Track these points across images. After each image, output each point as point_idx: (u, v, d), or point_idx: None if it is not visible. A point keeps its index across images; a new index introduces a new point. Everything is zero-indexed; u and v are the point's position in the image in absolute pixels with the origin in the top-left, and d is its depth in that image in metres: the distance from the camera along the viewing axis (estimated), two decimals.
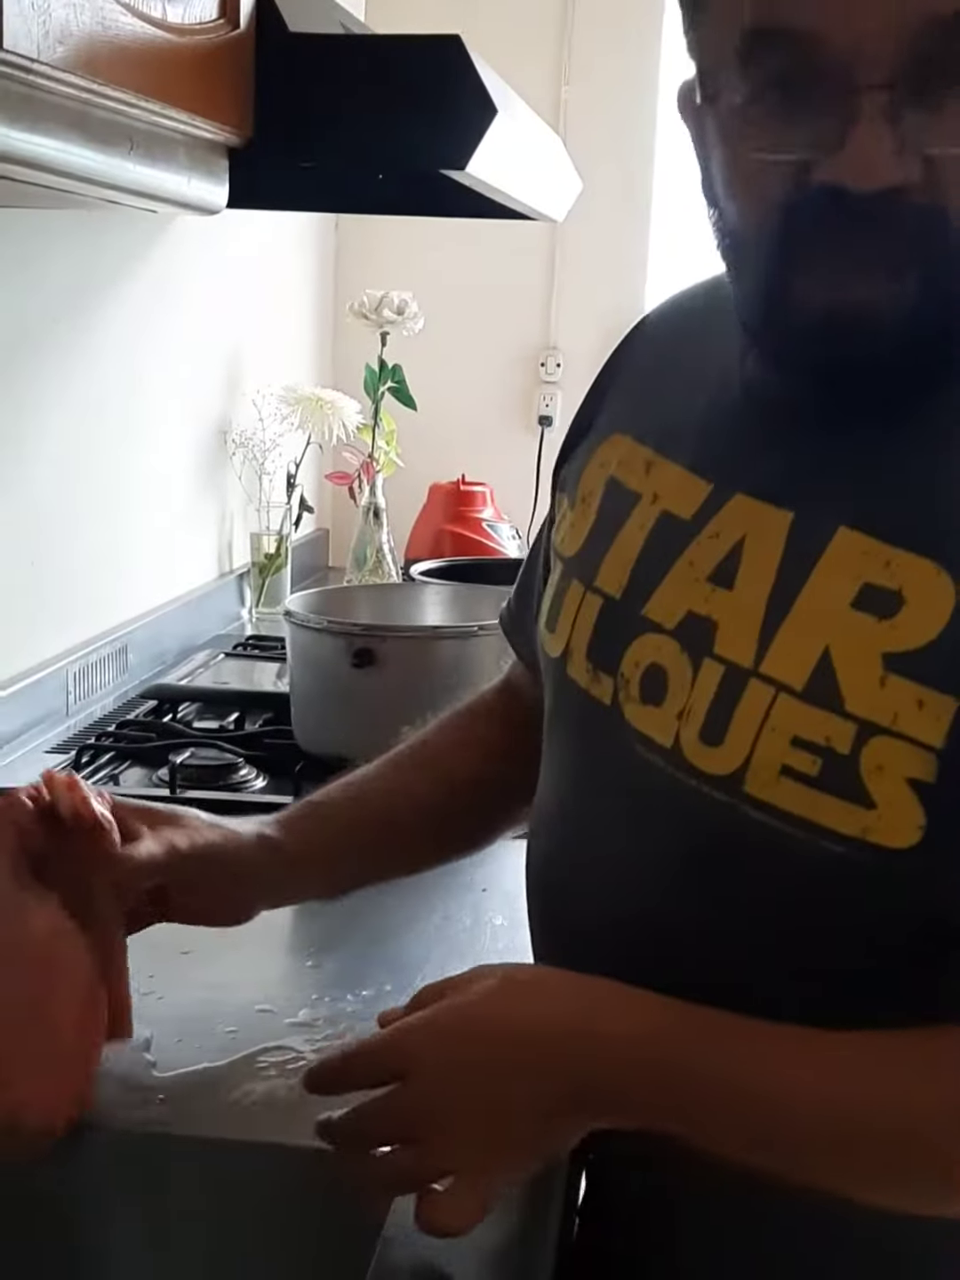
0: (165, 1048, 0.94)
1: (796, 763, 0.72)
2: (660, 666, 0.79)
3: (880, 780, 0.69)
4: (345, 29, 1.33)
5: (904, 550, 0.70)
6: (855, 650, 0.71)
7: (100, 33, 0.87)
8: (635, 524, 0.83)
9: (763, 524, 0.76)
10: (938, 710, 0.68)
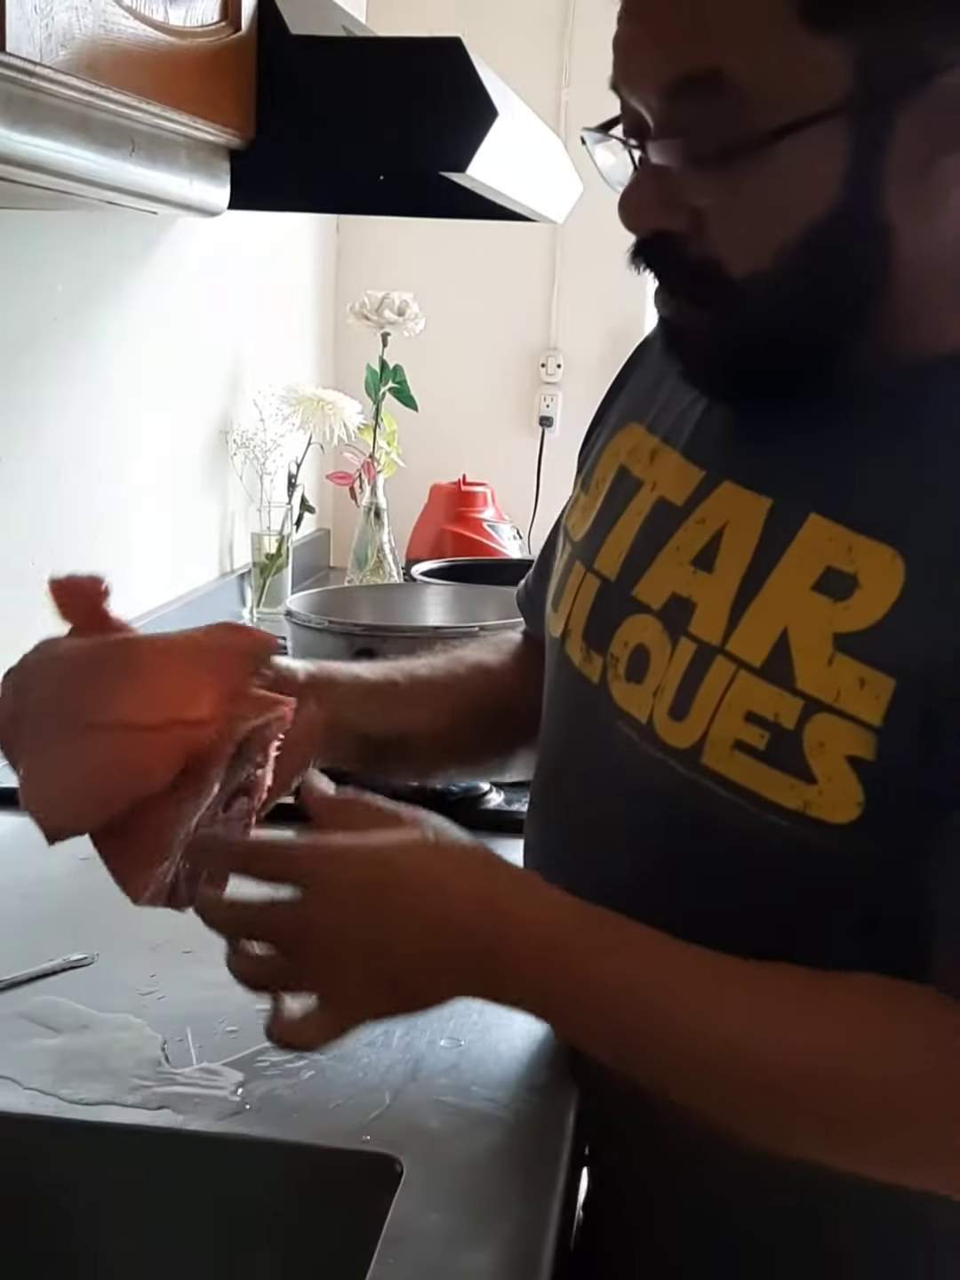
0: (169, 1047, 0.95)
1: (747, 736, 0.74)
2: (645, 647, 0.82)
3: (821, 756, 0.71)
4: (347, 31, 1.34)
5: (866, 537, 0.72)
6: (810, 630, 0.73)
7: (102, 35, 0.87)
8: (634, 509, 0.86)
9: (744, 511, 0.78)
10: (877, 689, 0.70)
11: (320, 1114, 0.88)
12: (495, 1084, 0.92)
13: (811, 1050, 0.69)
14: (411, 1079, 0.92)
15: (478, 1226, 0.78)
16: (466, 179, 1.19)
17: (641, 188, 0.74)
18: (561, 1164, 0.84)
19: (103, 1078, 0.91)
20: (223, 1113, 0.88)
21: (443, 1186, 0.81)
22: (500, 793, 1.45)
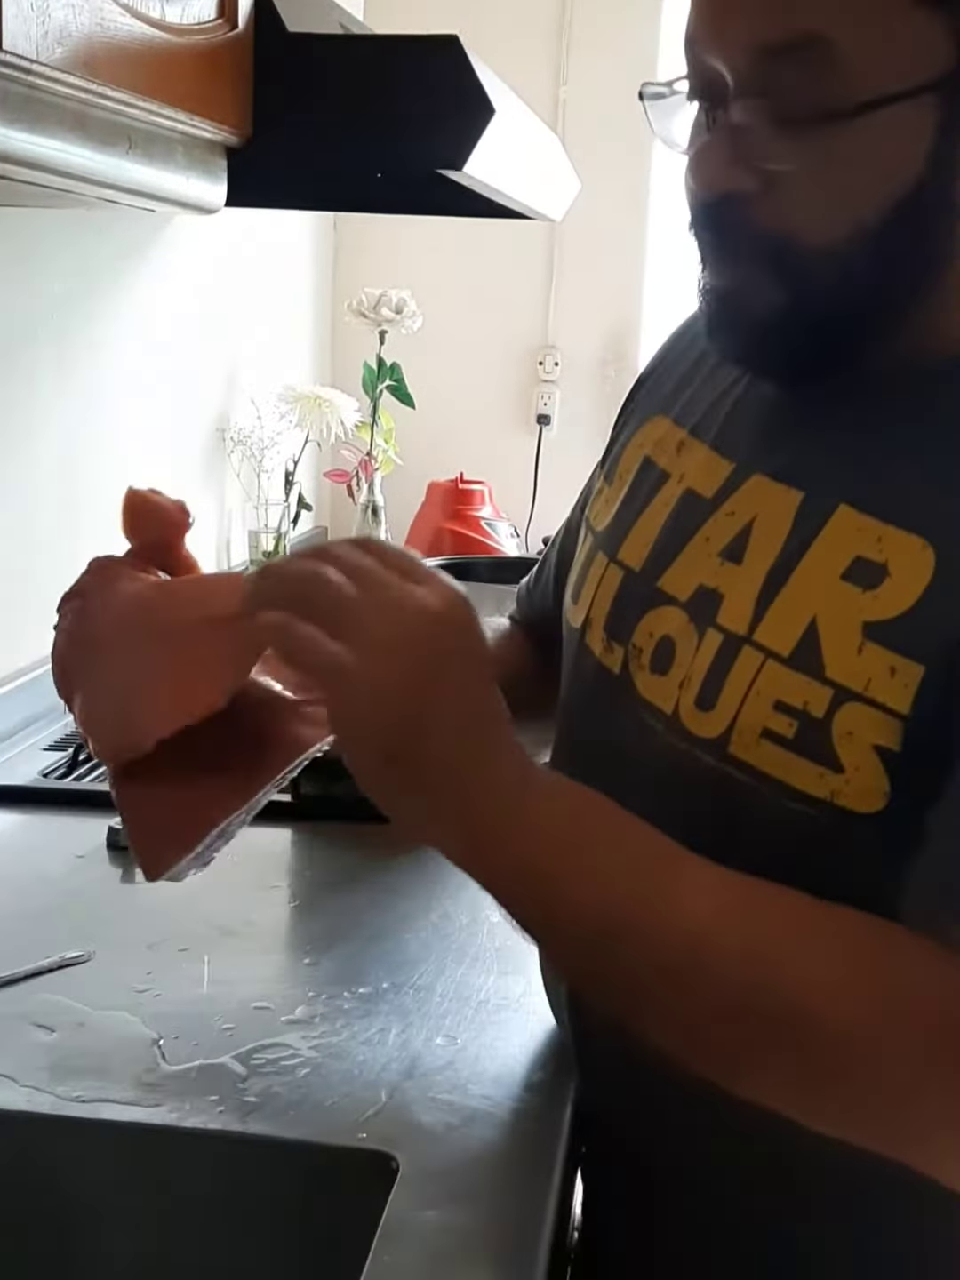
0: (164, 1044, 0.95)
1: (776, 725, 0.74)
2: (670, 638, 0.81)
3: (850, 745, 0.71)
4: (344, 29, 1.34)
5: (895, 527, 0.72)
6: (839, 619, 0.73)
7: (99, 33, 0.87)
8: (661, 501, 0.86)
9: (775, 503, 0.78)
10: (907, 677, 0.70)
11: (316, 1111, 0.88)
12: (491, 1082, 0.92)
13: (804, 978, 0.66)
14: (408, 1077, 0.92)
15: (473, 1224, 0.78)
16: (464, 177, 1.19)
17: (717, 147, 0.72)
18: (557, 1162, 0.84)
19: (99, 1075, 0.91)
20: (218, 1110, 0.88)
21: (438, 1184, 0.81)
22: None
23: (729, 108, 0.71)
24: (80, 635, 0.78)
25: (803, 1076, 0.68)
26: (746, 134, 0.71)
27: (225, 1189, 0.87)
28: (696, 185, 0.74)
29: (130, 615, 0.76)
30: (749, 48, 0.70)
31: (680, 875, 0.69)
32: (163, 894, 1.19)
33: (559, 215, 1.72)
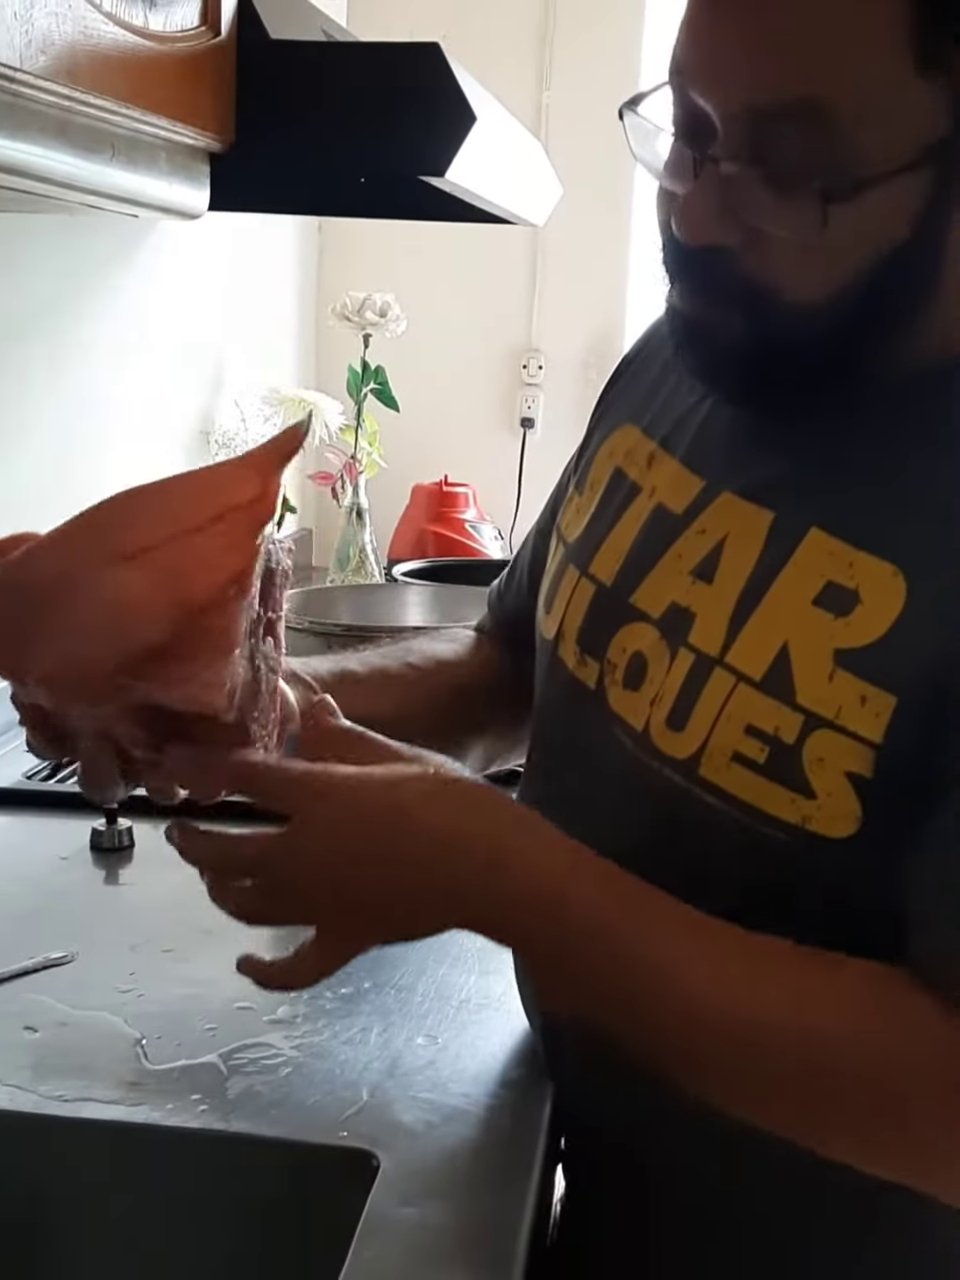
0: (147, 1044, 0.95)
1: (747, 749, 0.74)
2: (643, 654, 0.81)
3: (821, 772, 0.72)
4: (327, 35, 1.34)
5: (867, 553, 0.72)
6: (810, 644, 0.73)
7: (82, 41, 0.88)
8: (632, 515, 0.86)
9: (746, 523, 0.78)
10: (878, 707, 0.70)
11: (298, 1110, 0.89)
12: (471, 1080, 0.92)
13: (800, 1028, 0.69)
14: (389, 1076, 0.92)
15: (453, 1221, 0.79)
16: (446, 183, 1.20)
17: (705, 197, 0.70)
18: (536, 1159, 0.85)
19: (81, 1074, 0.91)
20: (200, 1109, 0.88)
21: (419, 1182, 0.82)
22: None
23: (718, 159, 0.69)
24: (11, 581, 0.72)
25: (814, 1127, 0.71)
26: (736, 189, 0.69)
27: (207, 1187, 0.87)
28: (681, 234, 0.72)
29: (67, 570, 0.70)
30: (743, 104, 0.68)
31: (680, 946, 0.71)
32: (146, 895, 1.19)
33: (542, 220, 1.72)
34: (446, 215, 1.49)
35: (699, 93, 0.70)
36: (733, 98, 0.68)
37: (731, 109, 0.68)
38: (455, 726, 1.03)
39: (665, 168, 0.74)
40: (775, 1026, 0.69)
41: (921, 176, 0.68)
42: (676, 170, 0.73)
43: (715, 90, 0.69)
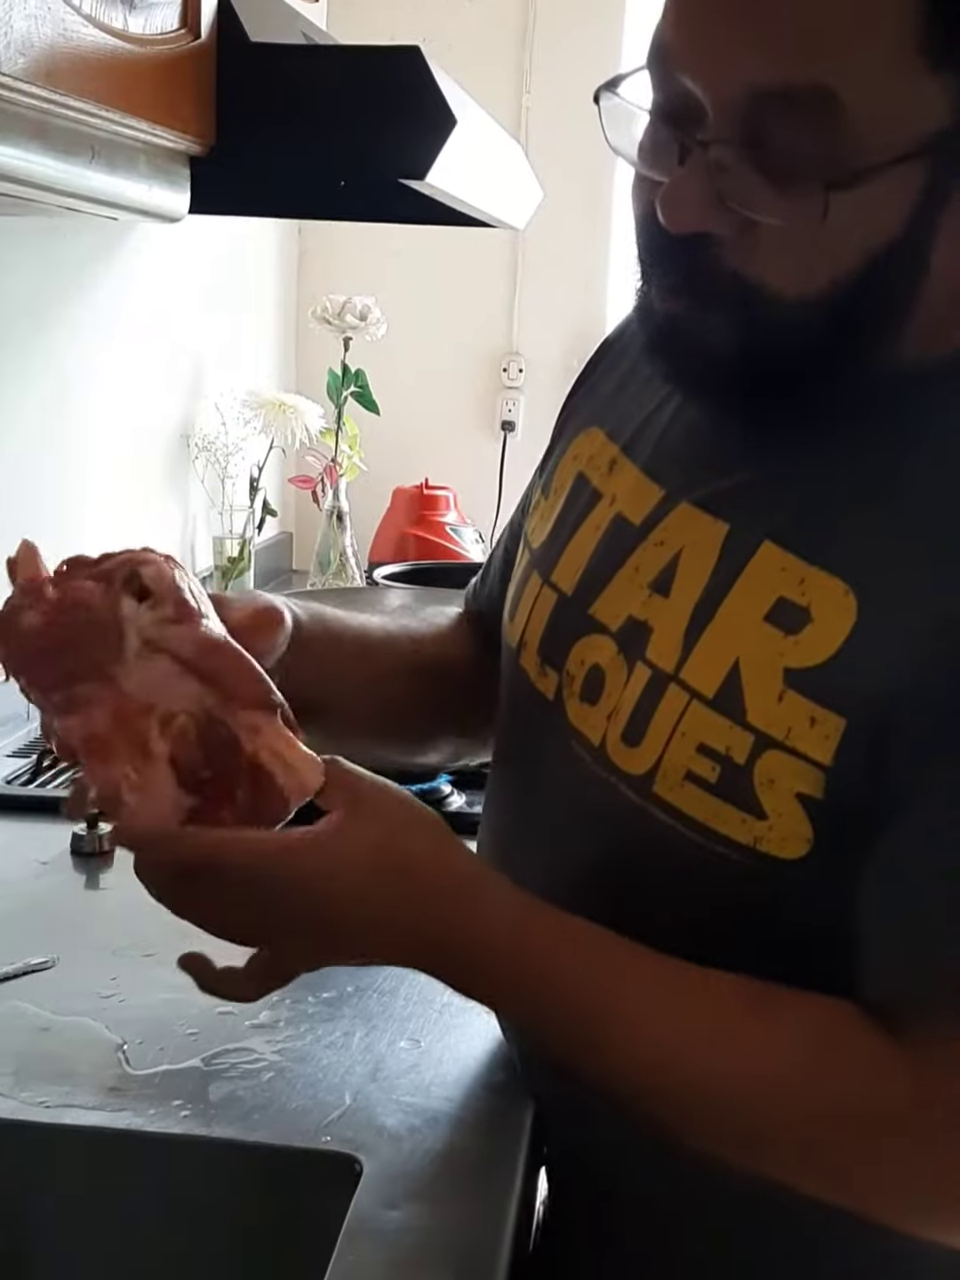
0: (129, 1049, 0.95)
1: (699, 768, 0.73)
2: (600, 667, 0.81)
3: (771, 793, 0.71)
4: (307, 38, 1.34)
5: (818, 569, 0.71)
6: (761, 662, 0.72)
7: (61, 43, 0.87)
8: (592, 524, 0.85)
9: (702, 535, 0.77)
10: (828, 729, 0.69)
11: (280, 1115, 0.88)
12: (454, 1084, 0.92)
13: (754, 1068, 0.70)
14: (371, 1079, 0.92)
15: (436, 1225, 0.79)
16: (426, 187, 1.20)
17: (693, 185, 0.67)
18: (519, 1163, 0.85)
19: (63, 1080, 0.91)
20: (183, 1114, 0.88)
21: (401, 1185, 0.82)
22: (461, 794, 1.46)
23: (708, 144, 0.67)
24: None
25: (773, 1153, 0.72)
26: (728, 176, 0.67)
27: (189, 1193, 0.87)
28: (666, 221, 0.69)
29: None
30: (741, 86, 0.65)
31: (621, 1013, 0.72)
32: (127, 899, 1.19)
33: (522, 224, 1.73)
34: (427, 218, 1.49)
35: (690, 75, 0.67)
36: (730, 81, 0.65)
37: (727, 93, 0.66)
38: (427, 715, 1.03)
39: (643, 155, 0.71)
40: (721, 1073, 0.70)
41: (919, 170, 0.66)
42: (657, 157, 0.70)
43: (710, 73, 0.66)
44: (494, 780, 0.96)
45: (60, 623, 0.73)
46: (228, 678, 0.72)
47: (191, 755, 0.71)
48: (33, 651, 0.73)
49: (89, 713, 0.71)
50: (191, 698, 0.71)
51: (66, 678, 0.72)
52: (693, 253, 0.69)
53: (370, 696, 0.97)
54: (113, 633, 0.72)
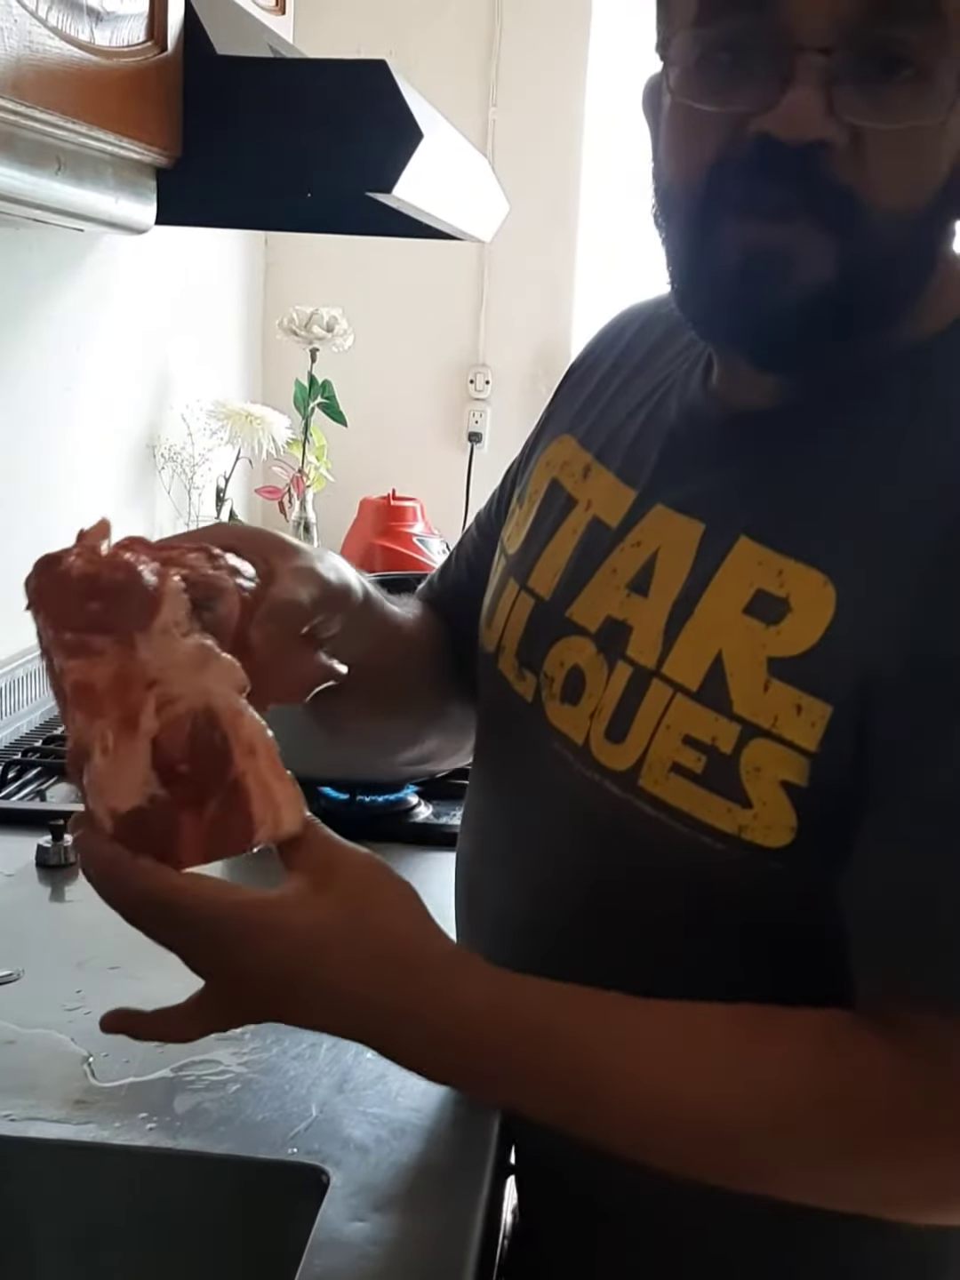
0: (94, 1062, 0.95)
1: (685, 760, 0.74)
2: (580, 668, 0.82)
3: (757, 781, 0.72)
4: (274, 51, 1.35)
5: (796, 560, 0.73)
6: (744, 654, 0.73)
7: (27, 55, 0.87)
8: (569, 528, 0.86)
9: (678, 535, 0.79)
10: (814, 716, 0.70)
11: (247, 1127, 0.88)
12: (421, 1095, 0.92)
13: (759, 1094, 0.69)
14: (338, 1091, 0.92)
15: (403, 1235, 0.79)
16: (393, 199, 1.20)
17: (809, 96, 0.68)
18: (486, 1173, 0.85)
19: (28, 1093, 0.91)
20: (149, 1127, 0.88)
21: (369, 1196, 0.82)
22: (428, 805, 1.47)
23: (828, 52, 0.67)
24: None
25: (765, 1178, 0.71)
26: (843, 88, 0.68)
27: (156, 1205, 0.87)
28: (791, 134, 0.68)
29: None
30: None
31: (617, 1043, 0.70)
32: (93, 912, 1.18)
33: (488, 236, 1.73)
34: (393, 231, 1.50)
35: (810, 5, 0.68)
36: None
37: (854, 14, 0.67)
38: (420, 703, 1.01)
39: (725, 93, 0.71)
40: (726, 1103, 0.69)
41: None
42: (744, 89, 0.70)
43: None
44: (474, 784, 0.96)
45: (103, 576, 0.71)
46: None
47: (177, 744, 0.68)
48: (65, 591, 0.72)
49: (94, 662, 0.69)
50: (201, 693, 0.69)
51: (87, 623, 0.70)
52: (806, 164, 0.69)
53: (387, 682, 0.94)
54: (150, 603, 0.70)
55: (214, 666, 0.70)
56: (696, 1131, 0.70)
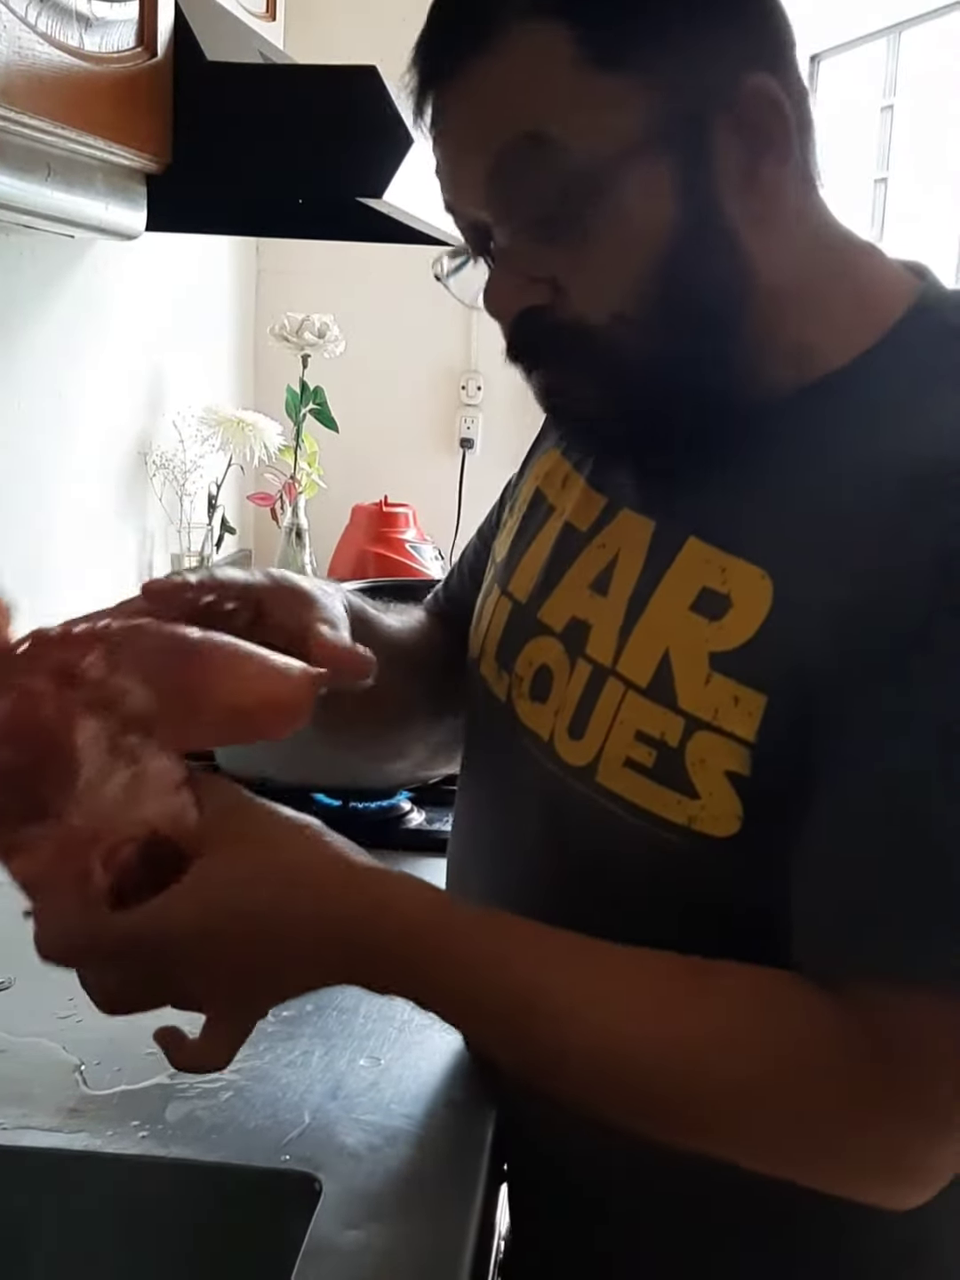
0: (86, 1070, 0.95)
1: (637, 755, 0.76)
2: (548, 667, 0.84)
3: (702, 772, 0.74)
4: (264, 58, 1.35)
5: (738, 558, 0.75)
6: (689, 649, 0.75)
7: (17, 61, 0.87)
8: (545, 534, 0.89)
9: (635, 535, 0.81)
10: (750, 706, 0.72)
11: (239, 1134, 0.88)
12: (414, 1102, 0.92)
13: (684, 1041, 0.70)
14: (331, 1098, 0.92)
15: (396, 1244, 0.79)
16: (384, 205, 1.21)
17: (498, 276, 0.77)
18: (480, 1180, 0.85)
19: (20, 1101, 0.90)
20: (141, 1135, 0.88)
21: (361, 1205, 0.82)
22: (421, 812, 1.47)
23: (489, 240, 0.76)
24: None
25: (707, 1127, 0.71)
26: (517, 252, 0.75)
27: (148, 1214, 0.86)
28: (493, 316, 0.78)
29: None
30: (481, 177, 0.74)
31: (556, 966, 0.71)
32: None
33: None
34: (385, 237, 1.50)
35: (460, 202, 0.78)
36: (475, 178, 0.75)
37: (479, 190, 0.75)
38: (414, 711, 1.02)
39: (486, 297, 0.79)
40: (658, 1042, 0.69)
41: (655, 160, 0.72)
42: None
43: (463, 185, 0.76)
44: (460, 785, 0.98)
45: (10, 745, 0.70)
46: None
47: (134, 879, 0.69)
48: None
49: (33, 853, 0.69)
50: (142, 824, 0.69)
51: (12, 815, 0.70)
52: (528, 330, 0.77)
53: (384, 695, 0.95)
54: (69, 770, 0.69)
55: (149, 790, 0.70)
56: (628, 1069, 0.70)
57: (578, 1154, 0.86)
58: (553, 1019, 0.70)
